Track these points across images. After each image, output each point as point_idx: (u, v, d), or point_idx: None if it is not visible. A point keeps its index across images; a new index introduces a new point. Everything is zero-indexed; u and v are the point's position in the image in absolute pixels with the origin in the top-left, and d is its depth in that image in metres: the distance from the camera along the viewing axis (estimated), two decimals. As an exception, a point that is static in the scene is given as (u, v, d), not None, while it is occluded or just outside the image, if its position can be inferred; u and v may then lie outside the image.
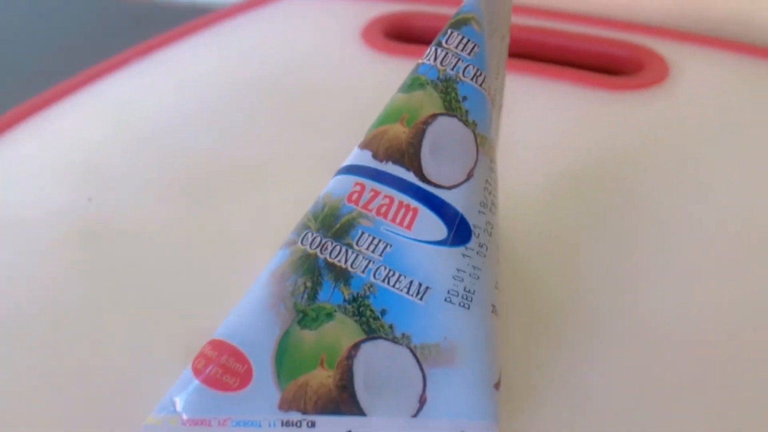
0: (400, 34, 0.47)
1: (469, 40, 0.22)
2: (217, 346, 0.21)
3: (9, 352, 0.24)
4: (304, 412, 0.21)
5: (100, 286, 0.27)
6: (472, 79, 0.22)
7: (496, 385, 0.21)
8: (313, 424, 0.21)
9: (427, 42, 0.46)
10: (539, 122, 0.37)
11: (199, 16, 0.48)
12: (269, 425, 0.21)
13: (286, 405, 0.21)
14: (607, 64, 0.44)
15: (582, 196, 0.32)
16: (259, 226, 0.30)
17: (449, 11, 0.49)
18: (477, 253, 0.21)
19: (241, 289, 0.22)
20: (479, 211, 0.22)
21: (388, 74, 0.42)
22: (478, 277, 0.21)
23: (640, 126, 0.38)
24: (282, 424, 0.21)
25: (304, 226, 0.22)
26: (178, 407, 0.21)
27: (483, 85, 0.22)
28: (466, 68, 0.22)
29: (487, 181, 0.22)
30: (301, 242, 0.21)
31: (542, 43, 0.45)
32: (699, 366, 0.24)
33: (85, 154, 0.35)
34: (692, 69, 0.43)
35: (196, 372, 0.21)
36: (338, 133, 0.36)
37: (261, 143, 0.36)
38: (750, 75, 0.43)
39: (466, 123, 0.22)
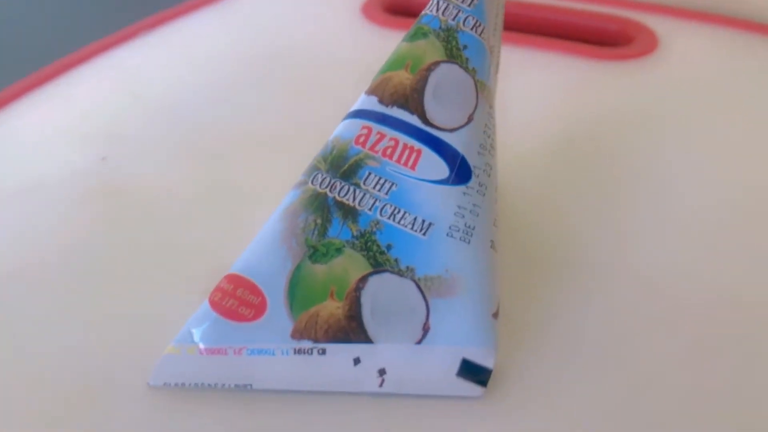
0: (399, 8, 0.48)
1: (472, -8, 0.23)
2: (233, 279, 0.22)
3: (40, 302, 0.25)
4: (315, 341, 0.22)
5: (120, 238, 0.28)
6: (471, 29, 0.23)
7: (495, 315, 0.22)
8: (323, 352, 0.22)
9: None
10: (533, 90, 0.39)
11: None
12: (282, 353, 0.22)
13: (298, 334, 0.22)
14: (599, 37, 0.46)
15: (575, 155, 0.34)
16: (267, 183, 0.31)
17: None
18: (477, 191, 0.23)
19: (253, 233, 0.23)
20: (479, 153, 0.23)
21: (389, 48, 0.43)
22: (478, 214, 0.23)
23: (629, 92, 0.39)
24: (294, 352, 0.22)
25: (314, 168, 0.23)
26: (196, 337, 0.22)
27: (482, 35, 0.23)
28: (466, 19, 0.23)
29: (486, 125, 0.23)
30: (312, 182, 0.23)
31: (534, 18, 0.47)
32: (687, 309, 0.25)
33: (99, 120, 0.36)
34: (680, 41, 0.44)
35: (213, 304, 0.22)
36: (342, 104, 0.37)
37: (269, 114, 0.37)
38: (734, 46, 0.44)
39: (466, 69, 0.23)
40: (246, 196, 0.31)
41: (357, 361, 0.22)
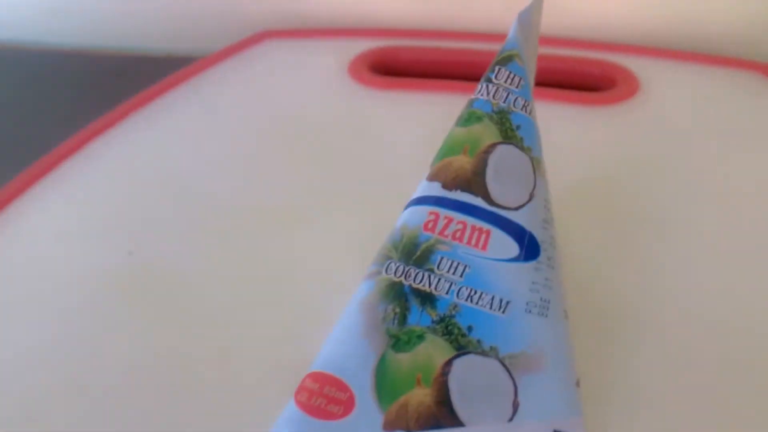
0: (385, 68, 0.49)
1: (515, 75, 0.24)
2: (318, 377, 0.22)
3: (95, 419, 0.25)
4: (408, 430, 0.22)
5: (172, 335, 0.28)
6: (522, 109, 0.24)
7: (577, 383, 0.23)
8: (416, 441, 0.22)
9: (411, 74, 0.49)
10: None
11: (177, 65, 0.49)
12: (376, 446, 0.22)
13: (389, 426, 0.22)
14: (582, 82, 0.48)
15: (578, 203, 0.34)
16: (300, 255, 0.31)
17: (429, 44, 0.52)
18: (546, 265, 0.23)
19: (305, 314, 0.23)
20: (543, 228, 0.24)
21: (377, 107, 0.44)
22: (551, 287, 0.23)
23: (617, 135, 0.41)
24: (389, 444, 0.22)
25: (386, 257, 0.23)
26: (287, 440, 0.22)
27: (531, 113, 0.24)
28: (515, 100, 0.24)
29: (545, 199, 0.24)
30: (386, 272, 0.23)
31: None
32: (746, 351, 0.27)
33: (113, 210, 0.35)
34: (660, 81, 0.46)
35: (300, 405, 0.22)
36: (340, 164, 0.38)
37: (277, 182, 0.37)
38: (713, 83, 0.47)
39: (522, 149, 0.24)
40: (284, 272, 0.31)
41: (451, 446, 0.22)
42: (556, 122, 0.41)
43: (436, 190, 0.24)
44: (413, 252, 0.23)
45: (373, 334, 0.23)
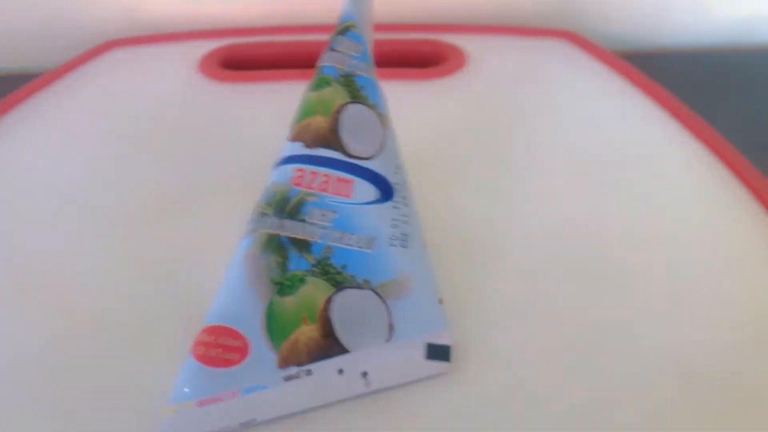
0: (235, 64, 0.51)
1: (354, 42, 0.27)
2: (212, 330, 0.24)
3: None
4: (300, 365, 0.25)
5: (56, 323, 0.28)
6: (364, 71, 0.27)
7: (440, 301, 0.27)
8: (310, 372, 0.25)
9: (260, 67, 0.51)
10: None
11: (21, 83, 0.48)
12: (274, 384, 0.24)
13: (284, 363, 0.24)
14: (417, 60, 0.52)
15: (423, 156, 0.38)
16: (172, 243, 0.33)
17: (274, 39, 0.54)
18: (402, 204, 0.27)
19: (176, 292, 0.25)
20: (395, 172, 0.27)
21: (233, 99, 0.46)
22: (408, 222, 0.27)
23: (451, 102, 0.45)
24: (285, 380, 0.24)
25: (261, 214, 0.26)
26: (190, 393, 0.24)
27: (372, 75, 0.28)
28: (358, 64, 0.27)
29: (394, 148, 0.27)
30: (263, 227, 0.25)
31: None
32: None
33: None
34: (484, 53, 0.52)
35: (199, 358, 0.24)
36: (205, 156, 0.39)
37: (139, 181, 0.37)
38: (526, 50, 0.53)
39: (369, 106, 0.27)
40: (165, 257, 0.32)
41: (341, 371, 0.25)
42: (395, 96, 0.45)
43: (299, 149, 0.26)
44: (286, 206, 0.26)
45: (259, 284, 0.25)
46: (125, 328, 0.28)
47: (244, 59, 0.52)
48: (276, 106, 0.45)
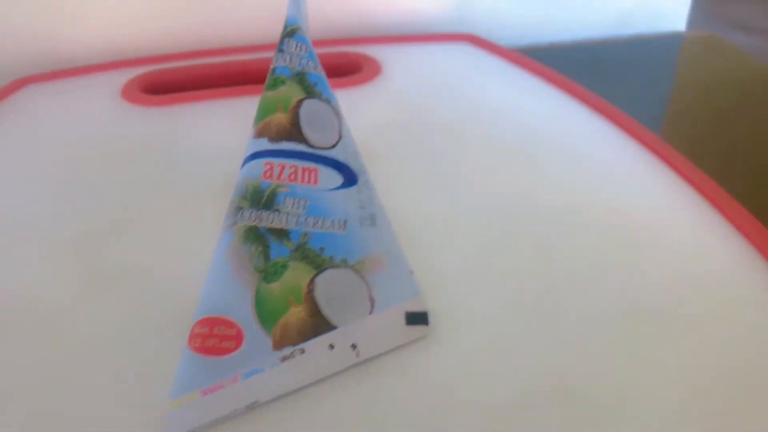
0: (157, 89, 0.51)
1: (301, 43, 0.29)
2: (205, 322, 0.25)
3: None
4: (294, 345, 0.26)
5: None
6: (313, 69, 0.29)
7: (412, 272, 0.29)
8: (303, 351, 0.26)
9: (181, 90, 0.51)
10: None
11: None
12: (271, 366, 0.26)
13: (278, 345, 0.26)
14: (335, 71, 0.55)
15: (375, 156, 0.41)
16: (131, 258, 0.33)
17: (193, 62, 0.55)
18: (366, 187, 0.29)
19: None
20: (355, 158, 0.29)
21: (153, 124, 0.46)
22: (373, 203, 0.29)
23: (369, 106, 0.48)
24: (281, 360, 0.26)
25: (237, 208, 0.27)
26: (192, 385, 0.25)
27: (321, 72, 0.30)
28: (307, 63, 0.29)
29: (350, 136, 0.30)
30: (241, 220, 0.27)
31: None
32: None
33: None
34: (396, 62, 0.55)
35: (196, 349, 0.25)
36: (147, 177, 0.40)
37: (84, 205, 0.37)
38: (428, 55, 0.57)
39: (322, 100, 0.29)
40: (126, 273, 0.32)
41: (332, 346, 0.27)
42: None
43: (264, 144, 0.28)
44: (260, 198, 0.27)
45: (244, 274, 0.26)
46: (111, 340, 0.28)
47: (164, 84, 0.52)
48: (205, 122, 0.46)
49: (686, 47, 0.72)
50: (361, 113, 0.47)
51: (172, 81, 0.53)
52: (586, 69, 0.64)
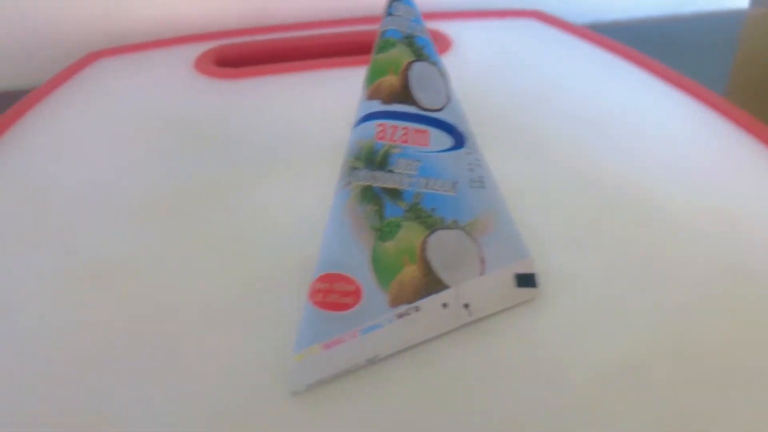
0: (228, 63, 0.52)
1: (409, 7, 0.29)
2: (326, 278, 0.26)
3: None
4: (409, 303, 0.26)
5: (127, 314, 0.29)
6: (421, 32, 0.30)
7: (519, 234, 0.29)
8: (418, 309, 0.26)
9: (252, 64, 0.52)
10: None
11: (8, 101, 0.47)
12: (388, 321, 0.26)
13: (394, 302, 0.26)
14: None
15: None
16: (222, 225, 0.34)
17: (262, 37, 0.55)
18: (473, 149, 0.29)
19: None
20: (462, 121, 0.29)
21: (225, 96, 0.47)
22: (481, 165, 0.29)
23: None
24: (397, 317, 0.26)
25: (352, 168, 0.27)
26: (314, 338, 0.25)
27: (427, 35, 0.30)
28: (415, 26, 0.29)
29: (457, 100, 0.30)
30: (356, 179, 0.27)
31: (354, 42, 0.54)
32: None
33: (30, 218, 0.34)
34: (467, 38, 0.55)
35: (317, 304, 0.25)
36: (227, 149, 0.40)
37: (168, 174, 0.38)
38: (499, 31, 0.57)
39: (430, 63, 0.29)
40: (225, 236, 0.33)
41: (445, 305, 0.27)
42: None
43: (376, 106, 0.28)
44: (374, 159, 0.27)
45: (361, 232, 0.26)
46: (228, 301, 0.29)
47: (235, 57, 0.53)
48: (277, 94, 0.46)
49: (748, 24, 0.71)
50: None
51: (244, 54, 0.53)
52: (647, 46, 0.63)
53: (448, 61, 0.52)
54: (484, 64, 0.51)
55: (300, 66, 0.50)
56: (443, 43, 0.53)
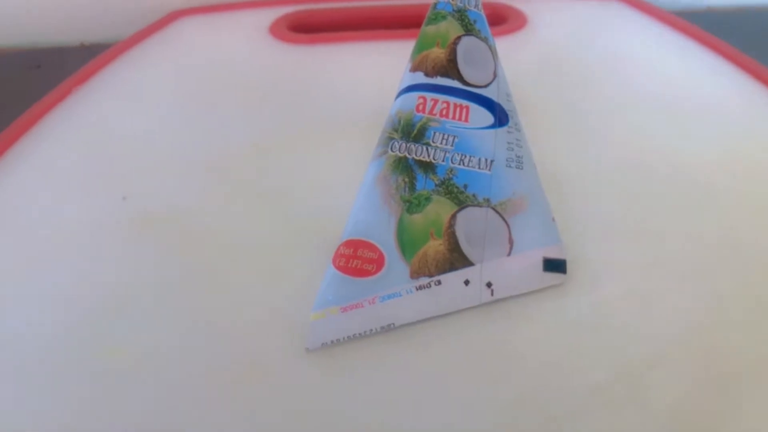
0: (302, 29, 0.53)
1: (465, -19, 0.29)
2: (351, 244, 0.26)
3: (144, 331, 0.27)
4: (430, 276, 0.26)
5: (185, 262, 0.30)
6: (474, 7, 0.29)
7: (553, 219, 0.28)
8: (439, 282, 0.27)
9: (325, 30, 0.53)
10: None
11: (92, 53, 0.50)
12: (407, 292, 0.26)
13: (415, 274, 0.26)
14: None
15: None
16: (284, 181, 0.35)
17: (335, 5, 0.56)
18: (515, 129, 0.29)
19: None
20: (507, 100, 0.29)
21: (299, 61, 0.48)
22: (521, 146, 0.29)
23: (517, 59, 0.47)
24: (417, 289, 0.26)
25: (388, 139, 0.27)
26: (334, 300, 0.26)
27: (480, 10, 0.29)
28: (468, 0, 0.29)
29: (504, 77, 0.29)
30: (391, 150, 0.27)
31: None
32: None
33: (90, 165, 0.36)
34: (544, 15, 0.54)
35: (340, 269, 0.26)
36: (279, 111, 0.41)
37: (236, 130, 0.39)
38: (584, 13, 0.55)
39: (480, 39, 0.29)
40: (281, 190, 0.34)
41: (467, 282, 0.27)
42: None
43: (420, 78, 0.28)
44: (411, 131, 0.27)
45: (390, 202, 0.27)
46: (263, 253, 0.30)
47: (309, 24, 0.54)
48: (348, 61, 0.47)
49: None
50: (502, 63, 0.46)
51: (317, 21, 0.54)
52: (735, 35, 0.60)
53: (518, 38, 0.51)
54: (556, 43, 0.49)
55: (370, 35, 0.50)
56: (518, 20, 0.52)
